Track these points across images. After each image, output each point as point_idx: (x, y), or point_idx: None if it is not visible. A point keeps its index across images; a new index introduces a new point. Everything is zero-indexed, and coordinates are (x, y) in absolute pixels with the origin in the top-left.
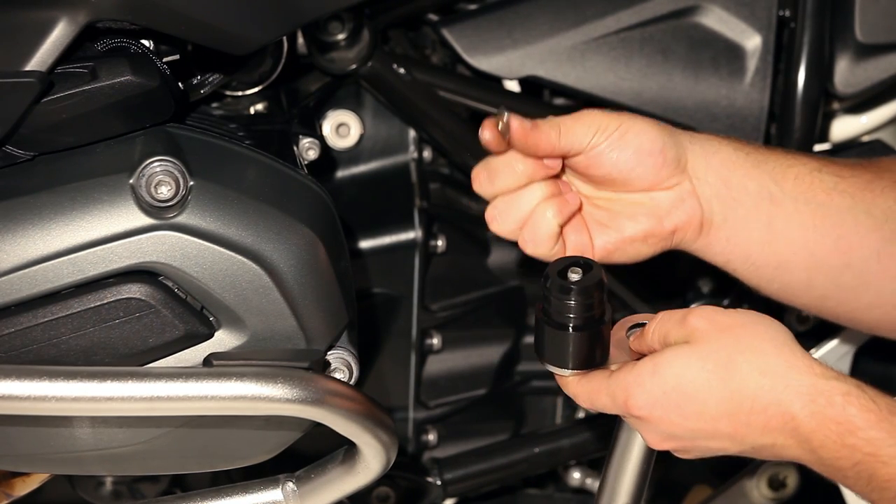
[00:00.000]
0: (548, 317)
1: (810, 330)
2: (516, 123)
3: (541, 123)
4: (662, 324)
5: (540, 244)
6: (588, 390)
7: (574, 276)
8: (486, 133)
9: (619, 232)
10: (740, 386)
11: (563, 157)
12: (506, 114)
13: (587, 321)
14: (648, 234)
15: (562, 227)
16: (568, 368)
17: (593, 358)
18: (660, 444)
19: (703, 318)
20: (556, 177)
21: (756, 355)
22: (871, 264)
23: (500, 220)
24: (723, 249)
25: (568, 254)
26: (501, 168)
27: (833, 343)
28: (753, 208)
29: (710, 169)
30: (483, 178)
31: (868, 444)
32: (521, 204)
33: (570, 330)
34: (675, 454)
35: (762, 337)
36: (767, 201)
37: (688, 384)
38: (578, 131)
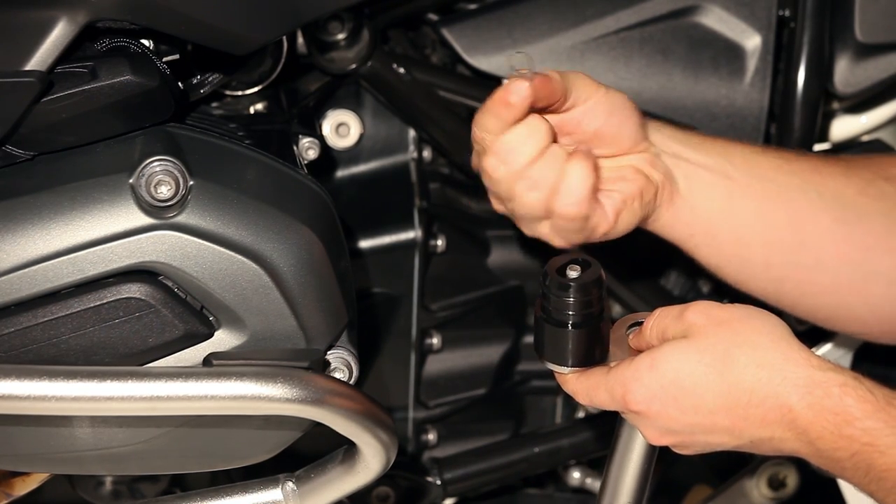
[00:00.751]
0: (547, 314)
1: (810, 330)
2: (537, 77)
3: (547, 71)
4: (660, 320)
5: (581, 202)
6: (587, 387)
7: (573, 273)
8: (515, 94)
9: (620, 192)
10: (738, 379)
11: (564, 110)
12: (526, 68)
13: (586, 318)
14: (642, 190)
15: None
16: (567, 366)
17: (592, 355)
18: (659, 440)
19: (700, 312)
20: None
21: (753, 348)
22: (826, 244)
23: (533, 191)
24: (689, 221)
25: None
26: (520, 139)
27: (833, 343)
28: (711, 179)
29: (665, 140)
30: (498, 160)
31: (865, 434)
32: (547, 170)
33: (570, 327)
34: (675, 450)
35: (759, 330)
36: (722, 175)
37: (685, 378)
38: (577, 83)
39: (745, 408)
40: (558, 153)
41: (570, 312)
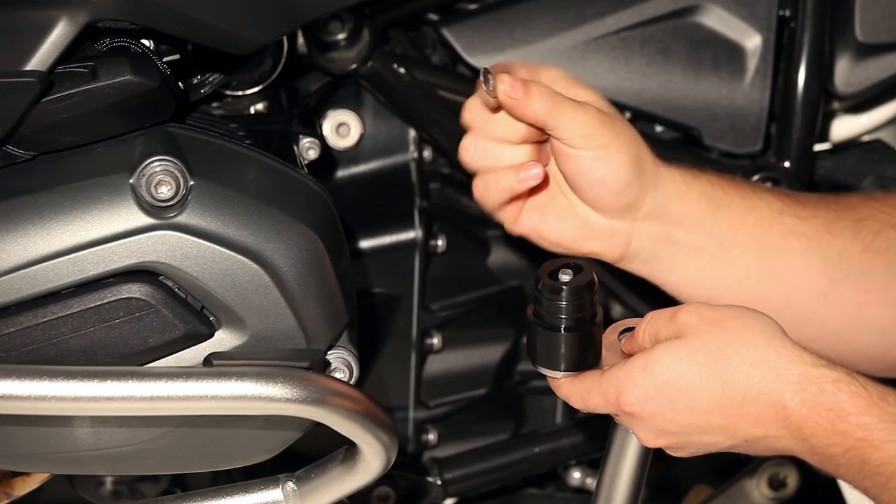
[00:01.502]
0: (539, 318)
1: None
2: (505, 87)
3: (534, 90)
4: (653, 323)
5: (490, 198)
6: (580, 390)
7: (564, 277)
8: (476, 100)
9: (538, 224)
10: (731, 378)
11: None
12: (490, 77)
13: (578, 322)
14: (562, 246)
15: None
16: (559, 370)
17: (585, 359)
18: (653, 442)
19: (692, 313)
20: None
21: (746, 347)
22: (816, 305)
23: (469, 154)
24: (645, 275)
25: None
26: (495, 123)
27: None
28: (694, 252)
29: (662, 214)
30: (477, 125)
31: (859, 430)
32: (495, 156)
33: (562, 331)
34: (669, 452)
35: (751, 328)
36: (715, 245)
37: (679, 378)
38: (568, 123)
39: (740, 406)
40: (518, 153)
41: (563, 316)
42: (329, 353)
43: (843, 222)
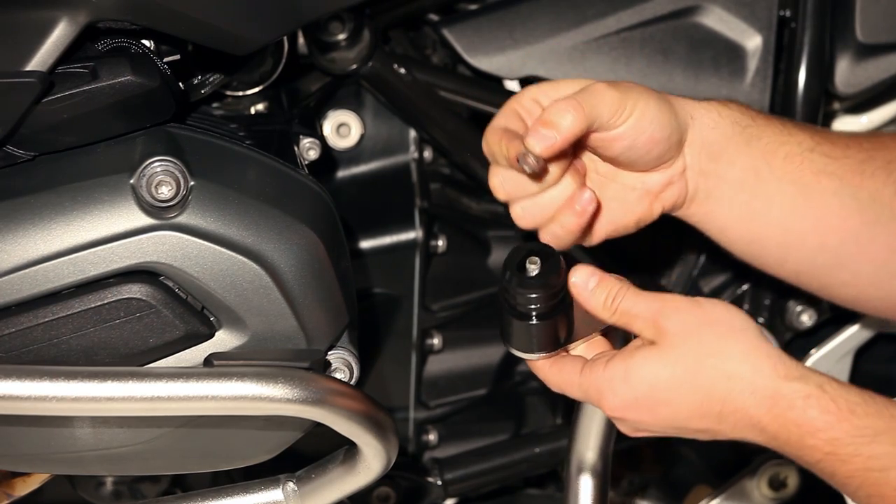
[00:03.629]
0: (510, 307)
1: (810, 329)
2: (540, 145)
3: (554, 117)
4: (633, 303)
5: (566, 241)
6: (559, 381)
7: (532, 267)
8: (501, 175)
9: (612, 223)
10: (709, 390)
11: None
12: (529, 157)
13: (550, 309)
14: (640, 219)
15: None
16: (534, 353)
17: (558, 340)
18: (630, 433)
19: (671, 319)
20: (575, 154)
21: (724, 359)
22: (849, 246)
23: (525, 220)
24: (700, 220)
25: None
26: (531, 182)
27: (833, 343)
28: (738, 186)
29: (704, 147)
30: (505, 187)
31: (828, 444)
32: (545, 206)
33: (534, 320)
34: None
35: (729, 337)
36: (753, 178)
37: (660, 391)
38: (602, 110)
39: (718, 416)
40: (559, 192)
41: (533, 307)
42: (329, 353)
43: (874, 163)
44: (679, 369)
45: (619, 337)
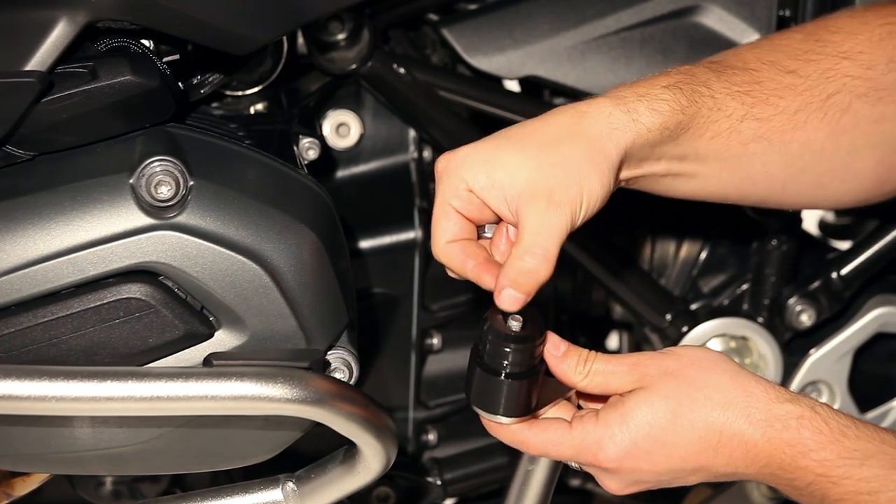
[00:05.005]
0: (481, 360)
1: (810, 329)
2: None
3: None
4: (605, 362)
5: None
6: (543, 441)
7: (514, 323)
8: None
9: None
10: (707, 423)
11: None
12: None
13: (528, 369)
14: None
15: None
16: (509, 415)
17: (530, 404)
18: (621, 491)
19: (650, 365)
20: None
21: (713, 391)
22: (774, 196)
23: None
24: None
25: None
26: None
27: (833, 343)
28: (662, 176)
29: (632, 163)
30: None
31: (819, 465)
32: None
33: (514, 378)
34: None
35: (712, 370)
36: (678, 166)
37: (657, 430)
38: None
39: (715, 448)
40: None
41: (514, 364)
42: (329, 353)
43: (810, 108)
44: (672, 404)
45: (575, 404)
